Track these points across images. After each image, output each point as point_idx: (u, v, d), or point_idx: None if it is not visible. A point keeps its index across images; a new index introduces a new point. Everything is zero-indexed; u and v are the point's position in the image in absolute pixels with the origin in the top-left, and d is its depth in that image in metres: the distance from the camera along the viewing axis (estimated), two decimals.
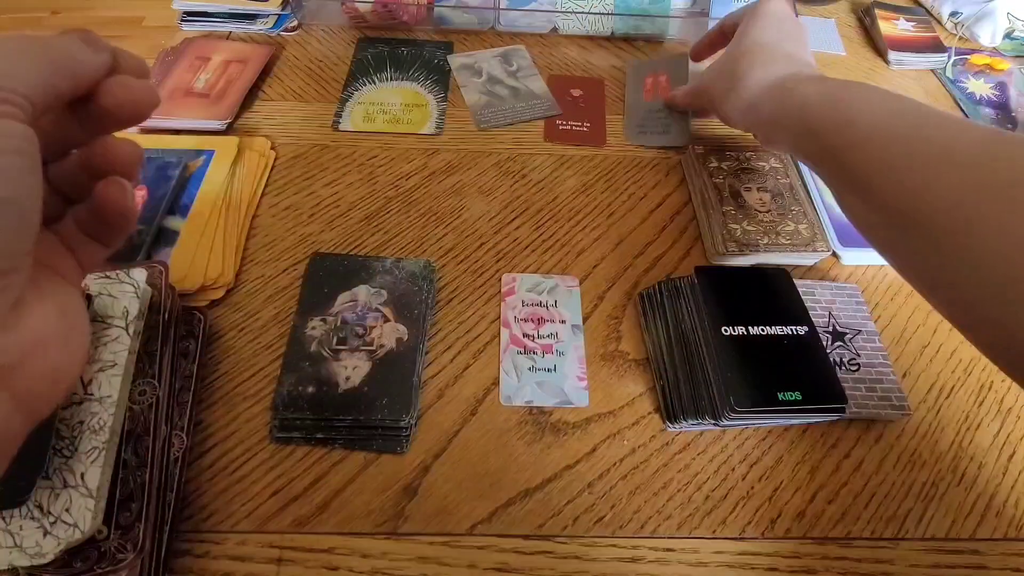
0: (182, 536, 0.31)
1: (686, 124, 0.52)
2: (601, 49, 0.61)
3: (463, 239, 0.44)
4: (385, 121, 0.52)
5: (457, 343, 0.39)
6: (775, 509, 0.34)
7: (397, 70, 0.56)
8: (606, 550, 0.32)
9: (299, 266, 0.42)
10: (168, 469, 0.31)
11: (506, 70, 0.56)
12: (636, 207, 0.47)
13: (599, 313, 0.41)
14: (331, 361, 0.36)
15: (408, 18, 0.60)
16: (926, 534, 0.34)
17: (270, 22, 0.59)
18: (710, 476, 0.35)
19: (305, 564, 0.31)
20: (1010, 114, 0.58)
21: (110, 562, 0.27)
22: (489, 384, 0.38)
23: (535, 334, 0.39)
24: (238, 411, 0.35)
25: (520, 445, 0.35)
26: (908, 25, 0.65)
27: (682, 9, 0.63)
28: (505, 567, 0.32)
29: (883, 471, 0.36)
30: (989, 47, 0.65)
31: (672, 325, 0.38)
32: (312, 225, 0.44)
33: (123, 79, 0.19)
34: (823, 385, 0.34)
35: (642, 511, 0.34)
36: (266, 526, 0.32)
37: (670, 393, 0.37)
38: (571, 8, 0.59)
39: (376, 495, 0.33)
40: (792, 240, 0.43)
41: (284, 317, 0.39)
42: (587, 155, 0.51)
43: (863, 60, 0.63)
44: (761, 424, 0.36)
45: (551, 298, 0.40)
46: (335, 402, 0.35)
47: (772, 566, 0.32)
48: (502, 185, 0.48)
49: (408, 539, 0.32)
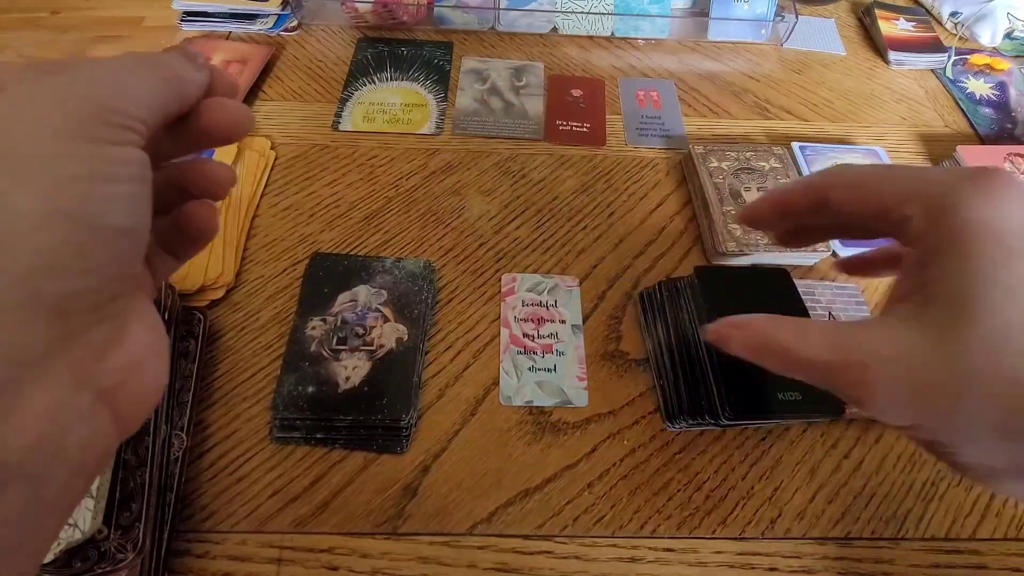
0: (182, 536, 0.31)
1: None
2: (601, 49, 0.61)
3: (463, 239, 0.44)
4: (385, 121, 0.52)
5: (457, 343, 0.39)
6: (775, 509, 0.34)
7: (397, 70, 0.56)
8: (606, 550, 0.32)
9: (299, 266, 0.42)
10: (168, 469, 0.31)
11: (512, 83, 0.56)
12: (636, 207, 0.47)
13: (599, 313, 0.41)
14: (331, 361, 0.36)
15: (408, 18, 0.60)
16: (926, 534, 0.34)
17: (270, 22, 0.59)
18: (710, 476, 0.35)
19: (305, 564, 0.31)
20: (1010, 114, 0.58)
21: (110, 562, 0.27)
22: (489, 384, 0.38)
23: (535, 334, 0.39)
24: (238, 411, 0.35)
25: (520, 445, 0.35)
26: (908, 25, 0.65)
27: (682, 9, 0.63)
28: (505, 567, 0.32)
29: (883, 471, 0.36)
30: (989, 47, 0.65)
31: (672, 325, 0.38)
32: (312, 225, 0.44)
33: (222, 102, 0.19)
34: None
35: (642, 511, 0.34)
36: (266, 526, 0.32)
37: (670, 393, 0.37)
38: (571, 8, 0.59)
39: (376, 495, 0.33)
40: None
41: (284, 317, 0.39)
42: (587, 155, 0.51)
43: (863, 60, 0.63)
44: (761, 424, 0.36)
45: (551, 298, 0.40)
46: (335, 402, 0.35)
47: (772, 566, 0.32)
48: (502, 185, 0.48)
49: (408, 539, 0.32)
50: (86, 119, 0.14)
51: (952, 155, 0.51)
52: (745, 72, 0.60)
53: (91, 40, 0.60)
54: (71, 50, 0.59)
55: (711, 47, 0.62)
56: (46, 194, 0.13)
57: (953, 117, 0.58)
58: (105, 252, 0.14)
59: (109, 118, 0.15)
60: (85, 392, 0.15)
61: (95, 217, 0.14)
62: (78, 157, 0.14)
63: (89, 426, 0.15)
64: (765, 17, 0.61)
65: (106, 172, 0.14)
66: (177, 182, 0.20)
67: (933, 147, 0.54)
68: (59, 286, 0.13)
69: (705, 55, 0.61)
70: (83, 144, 0.14)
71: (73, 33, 0.61)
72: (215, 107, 0.19)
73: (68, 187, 0.14)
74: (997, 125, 0.57)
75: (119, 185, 0.15)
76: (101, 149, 0.14)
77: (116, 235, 0.15)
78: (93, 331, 0.15)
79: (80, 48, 0.59)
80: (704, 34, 0.62)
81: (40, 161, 0.13)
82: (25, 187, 0.13)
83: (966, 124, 0.57)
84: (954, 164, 0.50)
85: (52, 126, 0.14)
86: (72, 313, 0.14)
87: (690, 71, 0.60)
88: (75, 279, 0.14)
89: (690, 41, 0.63)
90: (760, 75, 0.60)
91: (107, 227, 0.14)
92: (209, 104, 0.19)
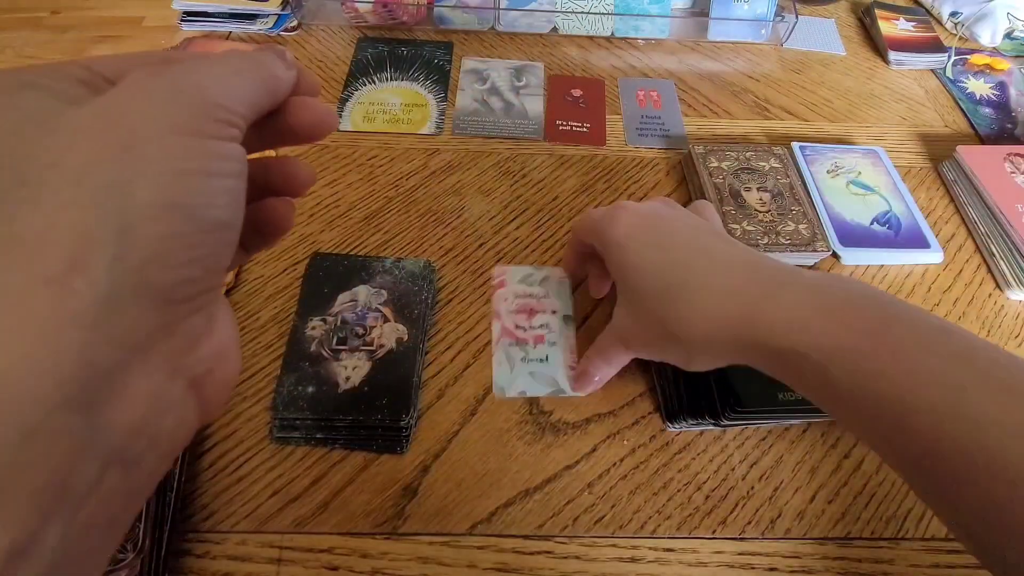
0: (182, 536, 0.31)
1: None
2: (601, 49, 0.61)
3: (463, 239, 0.44)
4: (385, 121, 0.52)
5: (457, 343, 0.39)
6: (775, 509, 0.34)
7: (397, 70, 0.56)
8: (606, 550, 0.32)
9: (299, 266, 0.42)
10: (168, 469, 0.31)
11: (512, 83, 0.56)
12: None
13: (599, 313, 0.41)
14: (331, 361, 0.36)
15: (408, 18, 0.60)
16: (926, 534, 0.34)
17: (270, 22, 0.59)
18: (710, 476, 0.35)
19: (305, 564, 0.31)
20: (1010, 114, 0.58)
21: (110, 562, 0.27)
22: (489, 384, 0.37)
23: (527, 325, 0.39)
24: (238, 411, 0.35)
25: (520, 445, 0.35)
26: (908, 25, 0.65)
27: (682, 9, 0.63)
28: (505, 567, 0.32)
29: (883, 471, 0.36)
30: (989, 47, 0.65)
31: None
32: (312, 225, 0.44)
33: (308, 101, 0.19)
34: None
35: (642, 511, 0.34)
36: (266, 526, 0.32)
37: (670, 393, 0.37)
38: (571, 8, 0.59)
39: (376, 495, 0.33)
40: (792, 240, 0.43)
41: (284, 317, 0.39)
42: (587, 155, 0.51)
43: (863, 60, 0.63)
44: (761, 424, 0.36)
45: (542, 290, 0.40)
46: (335, 402, 0.35)
47: (772, 566, 0.32)
48: (502, 185, 0.48)
49: (408, 539, 0.32)
50: (198, 114, 0.15)
51: (952, 155, 0.51)
52: (745, 72, 0.60)
53: (91, 40, 0.60)
54: (71, 50, 0.59)
55: (711, 47, 0.62)
56: (162, 186, 0.14)
57: (953, 117, 0.58)
58: (208, 244, 0.15)
59: (217, 114, 0.15)
60: (179, 380, 0.15)
61: (203, 210, 0.14)
62: (190, 151, 0.14)
63: (180, 413, 0.15)
64: (765, 17, 0.61)
65: (213, 167, 0.15)
66: (257, 178, 0.20)
67: (933, 147, 0.54)
68: (168, 276, 0.14)
69: (705, 55, 0.61)
70: (195, 139, 0.15)
71: (73, 33, 0.61)
72: (302, 106, 0.19)
73: (181, 180, 0.14)
74: (997, 125, 0.57)
75: (223, 180, 0.15)
76: (209, 144, 0.15)
77: (219, 228, 0.15)
78: (189, 321, 0.15)
79: (80, 48, 0.59)
80: (704, 34, 0.62)
81: (158, 154, 0.14)
82: (144, 179, 0.13)
83: (966, 124, 0.57)
84: (954, 164, 0.50)
85: (168, 120, 0.14)
86: (175, 302, 0.14)
87: (690, 71, 0.60)
88: (181, 270, 0.14)
89: (690, 41, 0.63)
90: (760, 75, 0.60)
91: (212, 220, 0.15)
92: (296, 103, 0.19)
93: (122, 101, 0.14)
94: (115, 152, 0.14)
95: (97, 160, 0.13)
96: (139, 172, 0.14)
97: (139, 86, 0.15)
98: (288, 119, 0.19)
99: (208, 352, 0.16)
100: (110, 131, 0.14)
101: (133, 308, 0.13)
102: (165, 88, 0.15)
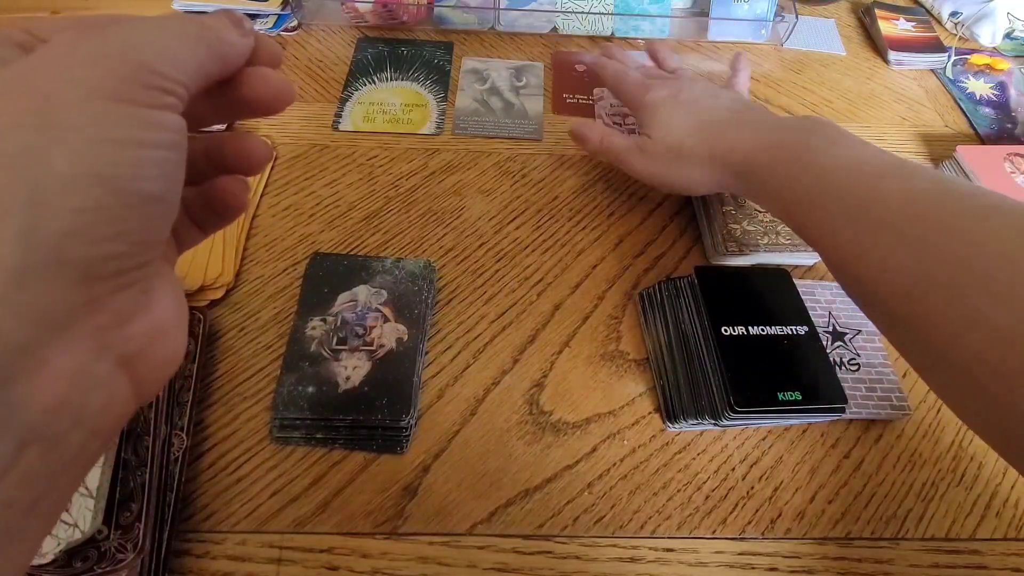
0: (182, 536, 0.31)
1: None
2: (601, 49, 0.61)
3: (463, 239, 0.44)
4: (385, 121, 0.52)
5: (457, 343, 0.39)
6: (775, 509, 0.34)
7: (397, 70, 0.56)
8: (606, 550, 0.33)
9: (299, 266, 0.42)
10: (168, 469, 0.31)
11: (512, 84, 0.56)
12: (636, 207, 0.47)
13: (599, 313, 0.41)
14: (331, 361, 0.36)
15: (408, 18, 0.60)
16: (926, 534, 0.34)
17: (270, 22, 0.59)
18: (710, 476, 0.35)
19: (305, 564, 0.31)
20: (1010, 114, 0.58)
21: (110, 562, 0.27)
22: (489, 384, 0.38)
23: (622, 123, 0.53)
24: (238, 411, 0.35)
25: (520, 445, 0.35)
26: (908, 25, 0.65)
27: (682, 9, 0.63)
28: (505, 567, 0.32)
29: (883, 471, 0.36)
30: (989, 47, 0.65)
31: (672, 325, 0.38)
32: (312, 225, 0.44)
33: (264, 72, 0.18)
34: (823, 385, 0.34)
35: (642, 511, 0.34)
36: (266, 526, 0.32)
37: (670, 393, 0.37)
38: (571, 8, 0.59)
39: (376, 495, 0.33)
40: (792, 240, 0.43)
41: (284, 317, 0.39)
42: (587, 155, 0.51)
43: (863, 60, 0.63)
44: (761, 424, 0.36)
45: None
46: (335, 402, 0.35)
47: (772, 566, 0.32)
48: (502, 185, 0.48)
49: (408, 539, 0.32)
50: (125, 80, 0.14)
51: (952, 155, 0.51)
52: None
53: None
54: None
55: (711, 47, 0.62)
56: (80, 155, 0.13)
57: (953, 117, 0.58)
58: (135, 219, 0.14)
59: (148, 80, 0.14)
60: (106, 357, 0.15)
61: (128, 182, 0.14)
62: (114, 119, 0.13)
63: (108, 391, 0.15)
64: (765, 17, 0.61)
65: (142, 136, 0.14)
66: (211, 153, 0.20)
67: (933, 147, 0.54)
68: (87, 250, 0.13)
69: (705, 55, 0.61)
70: (120, 106, 0.14)
71: None
72: (257, 77, 0.18)
73: (102, 149, 0.13)
74: (997, 125, 0.57)
75: (154, 151, 0.14)
76: (138, 112, 0.14)
77: (147, 202, 0.14)
78: (117, 297, 0.14)
79: None
80: (704, 34, 0.62)
81: (76, 121, 0.13)
82: (60, 147, 0.13)
83: (966, 124, 0.57)
84: (954, 164, 0.50)
85: (89, 85, 0.13)
86: (98, 278, 0.14)
87: (690, 71, 0.59)
88: (103, 244, 0.13)
89: (690, 41, 0.63)
90: (760, 75, 0.60)
91: (139, 193, 0.14)
92: (251, 73, 0.18)
93: (42, 63, 0.14)
94: (28, 117, 0.13)
95: (9, 126, 0.13)
96: (56, 139, 0.13)
97: (62, 47, 0.14)
98: (242, 90, 0.18)
99: (141, 329, 0.15)
100: (25, 95, 0.13)
101: (47, 283, 0.13)
102: (89, 50, 0.14)
